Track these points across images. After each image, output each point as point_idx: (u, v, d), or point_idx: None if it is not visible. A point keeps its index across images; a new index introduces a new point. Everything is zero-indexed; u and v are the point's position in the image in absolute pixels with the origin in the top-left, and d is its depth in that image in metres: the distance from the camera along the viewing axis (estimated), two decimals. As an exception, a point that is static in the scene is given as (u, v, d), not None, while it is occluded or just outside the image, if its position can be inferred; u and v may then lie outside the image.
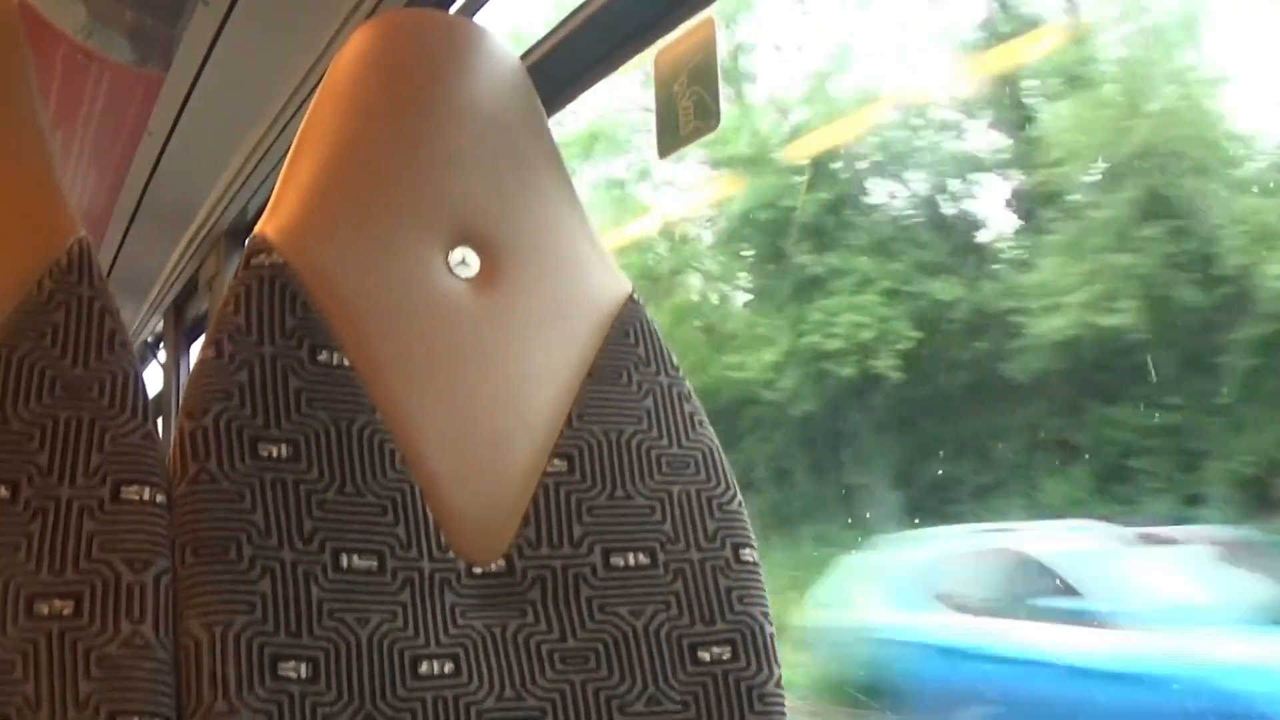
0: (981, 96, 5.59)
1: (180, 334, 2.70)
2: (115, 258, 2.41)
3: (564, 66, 0.97)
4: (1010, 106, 5.43)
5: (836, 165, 6.10)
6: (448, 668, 0.68)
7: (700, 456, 0.77)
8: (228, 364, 0.69)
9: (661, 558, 0.74)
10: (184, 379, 2.72)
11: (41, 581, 0.62)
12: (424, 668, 0.67)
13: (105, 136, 1.88)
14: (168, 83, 1.64)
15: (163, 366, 2.82)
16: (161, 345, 2.88)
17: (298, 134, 0.77)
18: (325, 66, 1.36)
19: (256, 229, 0.74)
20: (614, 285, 0.80)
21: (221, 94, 1.62)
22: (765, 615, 0.75)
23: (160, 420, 2.57)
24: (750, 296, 6.84)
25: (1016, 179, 5.58)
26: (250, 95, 1.58)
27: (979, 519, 4.73)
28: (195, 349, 2.74)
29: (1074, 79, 5.04)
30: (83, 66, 1.63)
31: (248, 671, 0.63)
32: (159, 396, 2.81)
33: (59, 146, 0.74)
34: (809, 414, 5.76)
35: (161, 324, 2.85)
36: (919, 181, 5.88)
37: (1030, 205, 5.37)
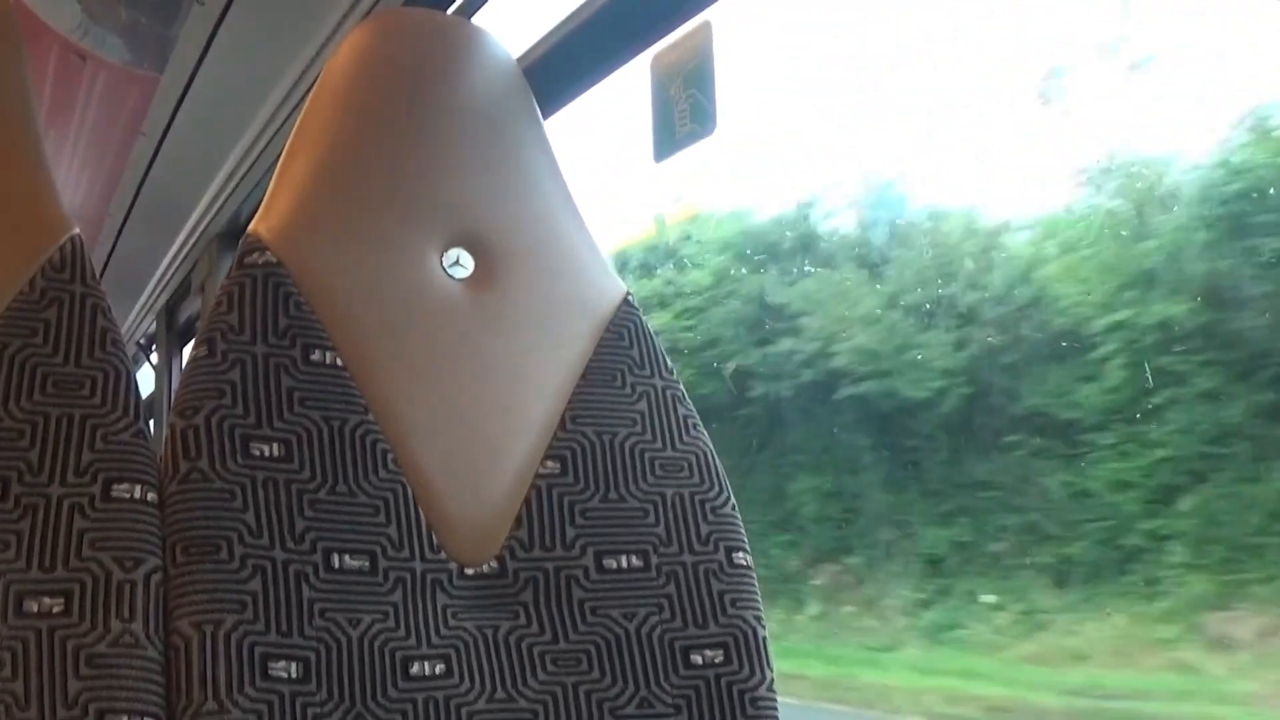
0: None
1: (173, 336, 2.69)
2: (109, 259, 2.40)
3: (561, 68, 0.96)
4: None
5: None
6: (439, 669, 0.68)
7: (694, 460, 0.77)
8: (220, 362, 0.69)
9: (654, 560, 0.74)
10: (176, 381, 2.71)
11: (31, 579, 0.62)
12: (415, 669, 0.67)
13: (99, 137, 1.87)
14: (162, 83, 1.63)
15: (155, 368, 2.82)
16: (154, 347, 2.87)
17: (292, 133, 0.76)
18: (320, 67, 1.36)
19: (250, 228, 0.73)
20: (609, 287, 0.79)
21: (216, 95, 1.61)
22: (758, 619, 0.75)
23: (152, 422, 2.56)
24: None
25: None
26: (245, 96, 1.58)
27: None
28: (188, 351, 2.74)
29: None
30: (77, 66, 1.62)
31: (238, 671, 0.63)
32: (151, 398, 2.80)
33: (52, 146, 0.73)
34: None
35: (154, 325, 2.84)
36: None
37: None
